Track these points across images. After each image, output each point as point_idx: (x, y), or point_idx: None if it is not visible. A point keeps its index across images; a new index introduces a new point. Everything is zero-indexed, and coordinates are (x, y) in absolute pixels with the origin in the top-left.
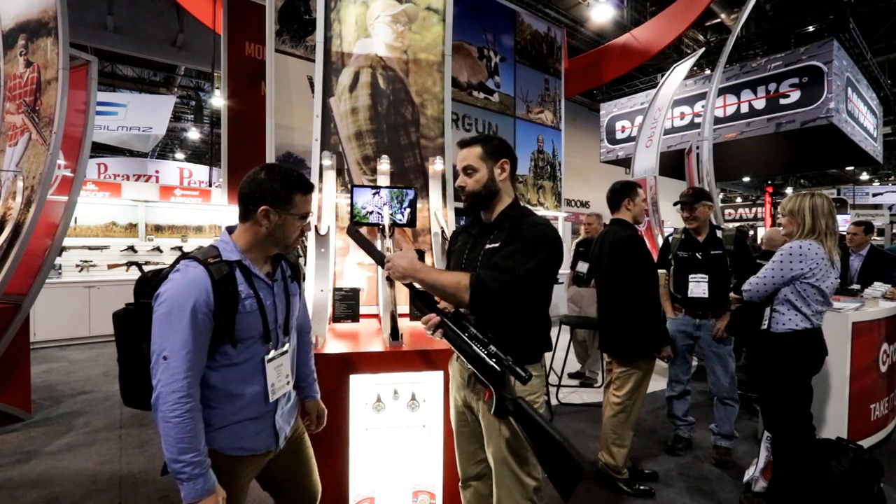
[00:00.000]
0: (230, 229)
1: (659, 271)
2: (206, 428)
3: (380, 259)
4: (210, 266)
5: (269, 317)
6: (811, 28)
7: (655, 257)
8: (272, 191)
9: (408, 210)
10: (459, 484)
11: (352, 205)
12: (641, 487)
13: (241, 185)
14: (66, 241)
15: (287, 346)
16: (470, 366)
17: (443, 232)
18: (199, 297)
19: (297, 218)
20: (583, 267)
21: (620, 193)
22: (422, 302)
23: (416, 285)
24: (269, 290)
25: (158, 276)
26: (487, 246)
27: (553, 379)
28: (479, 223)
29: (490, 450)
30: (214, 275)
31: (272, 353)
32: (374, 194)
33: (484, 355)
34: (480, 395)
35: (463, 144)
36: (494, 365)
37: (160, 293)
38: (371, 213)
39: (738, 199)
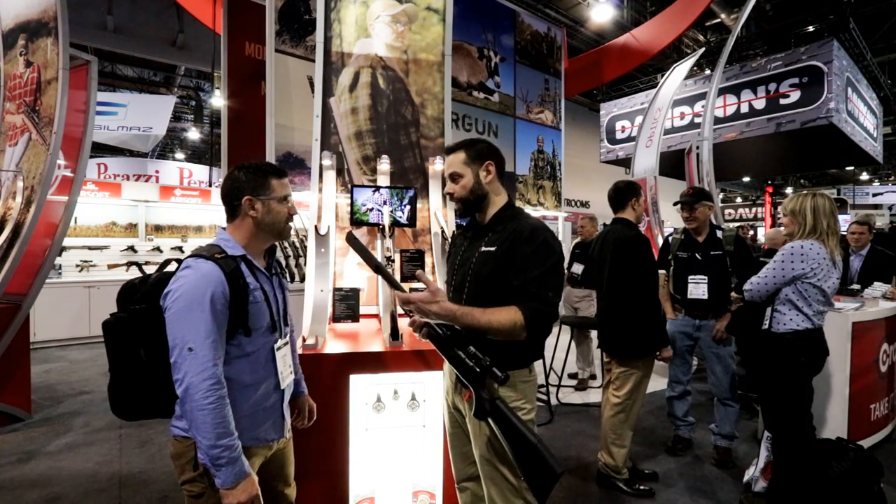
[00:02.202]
0: (224, 229)
1: (660, 272)
2: None
3: (376, 266)
4: (219, 261)
5: (273, 308)
6: (811, 28)
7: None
8: (248, 181)
9: (408, 207)
10: (455, 485)
11: (352, 203)
12: (641, 487)
13: (221, 188)
14: (66, 241)
15: (288, 336)
16: (451, 366)
17: (443, 232)
18: (217, 289)
19: (279, 201)
20: (577, 268)
21: (627, 193)
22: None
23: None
24: (270, 283)
25: (147, 282)
26: (482, 248)
27: (553, 379)
28: (474, 226)
29: (476, 451)
30: (224, 268)
31: (279, 343)
32: (374, 192)
33: (463, 356)
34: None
35: (448, 151)
36: (473, 366)
37: (172, 290)
38: (371, 209)
39: (738, 199)
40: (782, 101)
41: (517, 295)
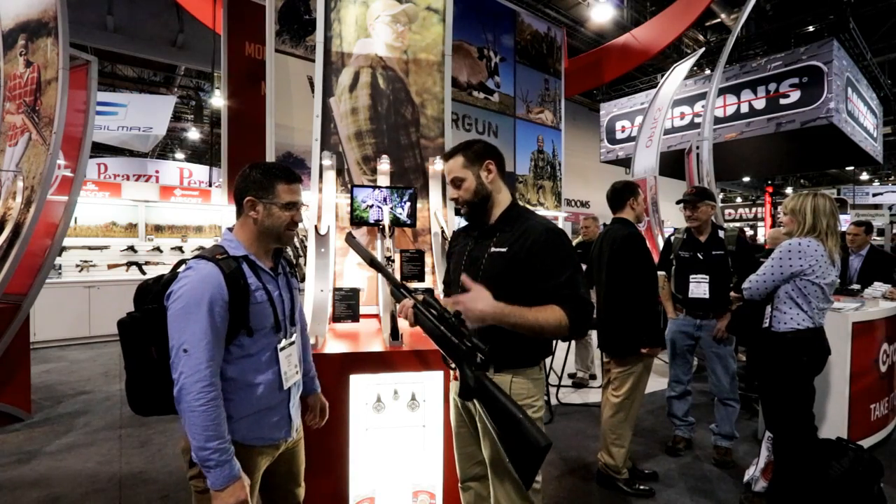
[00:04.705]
0: (230, 229)
1: (658, 273)
2: (227, 420)
3: (370, 260)
4: (219, 262)
5: (278, 307)
6: (811, 28)
7: (656, 257)
8: (254, 181)
9: (408, 204)
10: (459, 485)
11: (352, 201)
12: (641, 487)
13: (234, 183)
14: (66, 241)
15: (294, 336)
16: (437, 347)
17: (443, 232)
18: (215, 291)
19: (280, 207)
20: None
21: (624, 193)
22: (397, 288)
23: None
24: (275, 283)
25: (160, 282)
26: (492, 249)
27: (553, 379)
28: (479, 225)
29: (485, 450)
30: (225, 269)
31: (283, 343)
32: (374, 191)
33: (448, 334)
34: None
35: (446, 157)
36: (458, 344)
37: (173, 291)
38: (371, 206)
39: (738, 199)
40: (782, 101)
41: (553, 298)
